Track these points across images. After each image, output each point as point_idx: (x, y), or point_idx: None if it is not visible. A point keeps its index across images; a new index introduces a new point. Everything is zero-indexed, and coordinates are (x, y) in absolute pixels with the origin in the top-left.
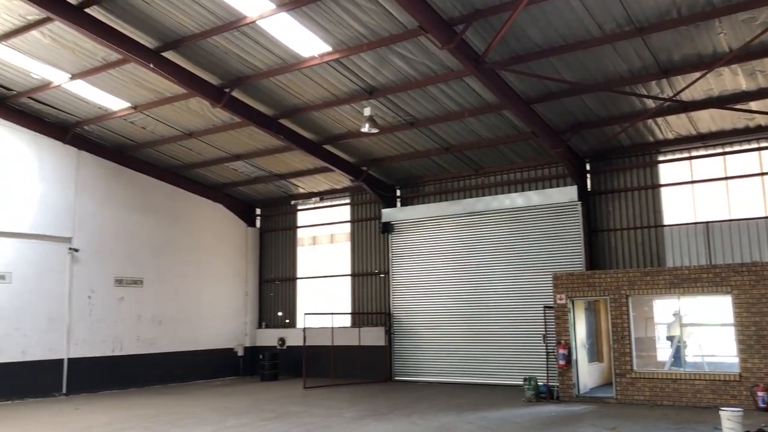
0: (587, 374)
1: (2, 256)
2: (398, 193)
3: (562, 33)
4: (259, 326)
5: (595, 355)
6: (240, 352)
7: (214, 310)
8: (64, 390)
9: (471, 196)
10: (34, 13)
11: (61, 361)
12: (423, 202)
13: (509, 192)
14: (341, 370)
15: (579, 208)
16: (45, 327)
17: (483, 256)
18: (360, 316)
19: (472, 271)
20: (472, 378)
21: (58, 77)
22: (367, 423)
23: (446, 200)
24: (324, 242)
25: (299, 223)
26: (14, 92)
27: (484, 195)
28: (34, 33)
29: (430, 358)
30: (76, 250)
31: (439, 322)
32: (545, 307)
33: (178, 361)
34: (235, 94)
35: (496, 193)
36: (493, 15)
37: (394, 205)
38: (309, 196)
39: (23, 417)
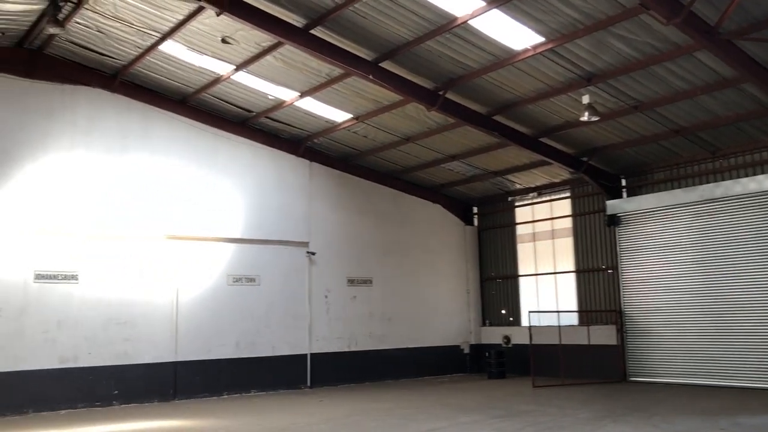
0: None
1: (253, 261)
2: (623, 182)
3: None
4: (483, 324)
5: None
6: (466, 350)
7: (438, 308)
8: (308, 383)
9: (708, 182)
10: (268, 40)
11: (305, 356)
12: (652, 191)
13: (754, 174)
14: (570, 370)
15: None
16: (290, 324)
17: (725, 246)
18: (587, 314)
19: (713, 262)
20: (718, 380)
21: (290, 96)
22: (604, 424)
23: (679, 187)
24: (544, 238)
25: (517, 220)
26: (254, 113)
27: (723, 179)
28: (268, 58)
29: (669, 358)
30: (313, 254)
31: (678, 319)
32: None
33: (407, 357)
34: (449, 95)
35: (738, 177)
36: None
37: (620, 196)
38: (526, 191)
39: (278, 407)
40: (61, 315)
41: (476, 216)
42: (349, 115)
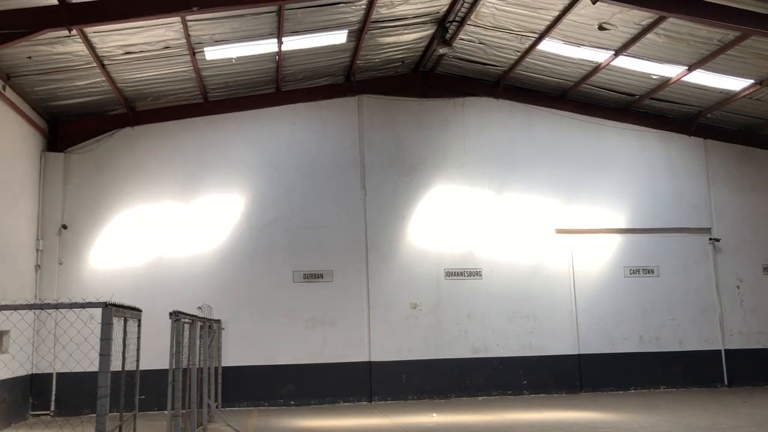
0: None
1: (648, 251)
2: None
3: None
4: None
5: None
6: None
7: None
8: (725, 381)
9: None
10: (648, 17)
11: (717, 352)
12: None
13: None
14: None
15: None
16: (697, 317)
17: None
18: None
19: None
20: None
21: (676, 72)
22: None
23: None
24: None
25: None
26: (636, 96)
27: None
28: (650, 36)
29: None
30: (717, 240)
31: None
32: None
33: None
34: None
35: None
36: None
37: None
38: None
39: (692, 405)
40: (469, 309)
41: None
42: (749, 81)
